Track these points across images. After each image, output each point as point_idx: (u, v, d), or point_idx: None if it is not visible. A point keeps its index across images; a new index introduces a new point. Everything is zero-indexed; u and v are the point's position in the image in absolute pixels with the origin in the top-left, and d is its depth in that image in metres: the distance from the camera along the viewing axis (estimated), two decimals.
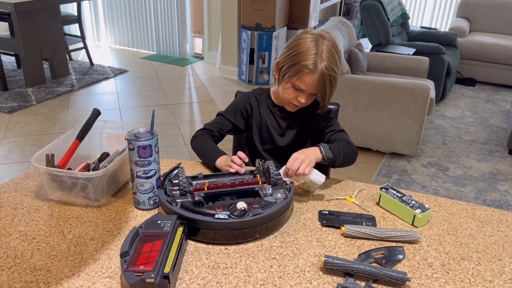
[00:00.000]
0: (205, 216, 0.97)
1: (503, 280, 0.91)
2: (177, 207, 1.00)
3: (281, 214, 1.03)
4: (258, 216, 0.98)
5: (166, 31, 5.16)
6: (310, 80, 1.25)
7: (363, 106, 2.99)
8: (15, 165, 2.77)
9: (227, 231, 0.97)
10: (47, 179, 1.09)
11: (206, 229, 0.97)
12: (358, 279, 0.88)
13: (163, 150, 3.05)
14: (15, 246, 0.95)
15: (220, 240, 0.98)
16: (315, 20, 4.72)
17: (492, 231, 1.07)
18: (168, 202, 1.02)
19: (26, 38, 3.83)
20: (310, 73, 1.24)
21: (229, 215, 0.98)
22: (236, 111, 1.42)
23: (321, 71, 1.23)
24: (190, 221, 0.97)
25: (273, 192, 1.09)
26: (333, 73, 1.25)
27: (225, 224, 0.96)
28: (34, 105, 3.69)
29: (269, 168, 1.13)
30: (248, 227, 0.97)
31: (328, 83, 1.25)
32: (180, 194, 1.06)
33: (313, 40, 1.25)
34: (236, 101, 1.46)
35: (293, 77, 1.27)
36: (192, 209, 0.99)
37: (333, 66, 1.25)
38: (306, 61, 1.23)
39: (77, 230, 1.01)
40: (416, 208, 1.07)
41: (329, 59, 1.24)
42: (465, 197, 2.65)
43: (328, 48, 1.25)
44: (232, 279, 0.88)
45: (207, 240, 0.99)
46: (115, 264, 0.91)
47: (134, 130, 1.06)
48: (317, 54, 1.23)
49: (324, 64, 1.23)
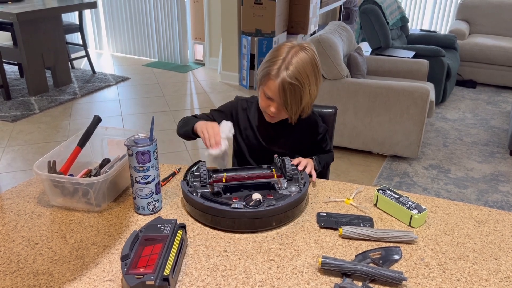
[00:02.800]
0: (223, 205, 1.04)
1: (499, 279, 0.92)
2: (197, 196, 1.07)
3: (295, 206, 1.09)
4: (272, 207, 1.04)
5: (167, 38, 5.20)
6: (273, 86, 1.23)
7: (363, 110, 3.01)
8: (18, 173, 2.80)
9: (243, 220, 1.04)
10: (49, 185, 1.11)
11: (223, 218, 1.04)
12: (355, 279, 0.90)
13: (165, 156, 3.07)
14: (18, 252, 0.97)
15: (237, 228, 1.04)
16: (314, 25, 4.75)
17: (489, 231, 1.08)
18: (189, 192, 1.09)
19: (28, 48, 3.88)
20: (273, 79, 1.22)
21: (245, 205, 1.04)
22: (225, 110, 1.44)
23: (282, 78, 1.20)
24: (208, 209, 1.04)
25: (288, 186, 1.15)
26: (297, 83, 1.20)
27: (241, 213, 1.03)
28: (37, 113, 3.72)
29: (285, 163, 1.19)
30: (262, 217, 1.04)
31: (289, 92, 1.21)
32: (201, 185, 1.13)
33: (288, 48, 1.23)
34: (228, 103, 1.48)
35: (262, 83, 1.28)
36: (211, 199, 1.06)
37: (298, 77, 1.20)
38: (272, 66, 1.23)
39: (79, 235, 1.03)
40: (413, 208, 1.08)
41: (295, 69, 1.20)
42: (467, 199, 2.65)
43: (300, 59, 1.21)
44: (231, 281, 0.89)
45: (225, 228, 1.05)
46: (116, 267, 0.92)
47: (133, 136, 1.08)
48: (284, 60, 1.21)
49: (288, 72, 1.20)
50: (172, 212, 1.13)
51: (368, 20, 4.01)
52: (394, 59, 3.68)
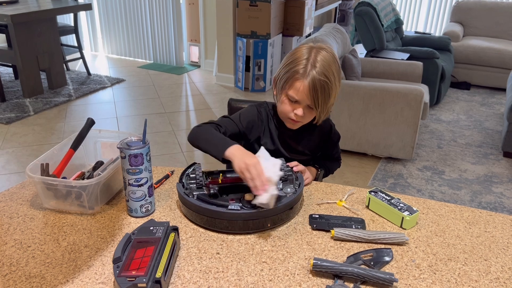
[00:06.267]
0: (219, 207, 1.04)
1: (489, 280, 0.93)
2: (193, 198, 1.08)
3: (290, 207, 1.09)
4: (267, 208, 1.04)
5: (162, 40, 5.20)
6: (301, 86, 1.21)
7: (358, 112, 3.02)
8: (13, 176, 2.79)
9: (239, 221, 1.04)
10: (42, 188, 1.11)
11: (219, 219, 1.05)
12: (346, 281, 0.90)
13: (160, 158, 3.07)
14: (11, 254, 0.97)
15: (233, 229, 1.05)
16: (310, 27, 4.76)
17: (479, 232, 1.09)
18: (185, 194, 1.09)
19: (23, 49, 3.87)
20: (301, 79, 1.20)
21: (241, 206, 1.05)
22: (245, 119, 1.33)
23: (313, 76, 1.19)
24: (205, 211, 1.05)
25: (283, 187, 1.16)
26: (326, 80, 1.20)
27: (237, 214, 1.03)
28: (32, 115, 3.71)
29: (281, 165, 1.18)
30: (258, 218, 1.05)
31: (320, 90, 1.20)
32: (197, 187, 1.13)
33: (307, 49, 1.23)
34: (246, 111, 1.37)
35: (286, 86, 1.25)
36: (207, 201, 1.07)
37: (326, 74, 1.20)
38: (297, 67, 1.21)
39: (72, 238, 1.03)
40: (404, 210, 1.09)
41: (322, 66, 1.20)
42: (461, 200, 2.67)
43: (323, 57, 1.21)
44: (223, 283, 0.90)
45: (221, 230, 1.06)
46: (109, 270, 0.93)
47: (126, 139, 1.08)
48: (308, 60, 1.21)
49: (316, 70, 1.19)
50: (165, 215, 1.13)
51: (363, 22, 4.03)
52: (389, 61, 3.70)
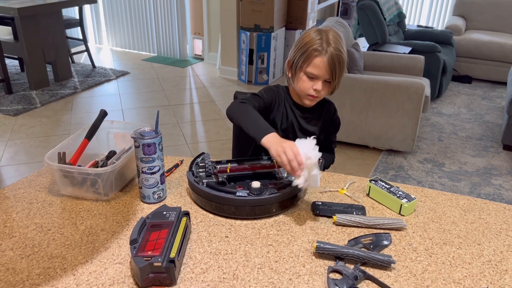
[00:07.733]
0: (228, 194, 1.10)
1: (481, 262, 0.99)
2: (203, 186, 1.13)
3: (295, 194, 1.15)
4: (273, 195, 1.11)
5: (166, 33, 5.24)
6: (320, 63, 1.31)
7: (360, 105, 3.07)
8: (22, 166, 2.86)
9: (246, 207, 1.11)
10: (59, 176, 1.17)
11: (228, 205, 1.11)
12: (347, 263, 0.96)
13: (166, 150, 3.13)
14: (32, 237, 1.03)
15: (240, 215, 1.11)
16: (313, 20, 4.79)
17: (474, 219, 1.15)
18: (195, 182, 1.15)
19: (29, 42, 3.92)
20: (320, 55, 1.30)
21: (248, 193, 1.11)
22: (269, 96, 1.41)
23: (331, 52, 1.30)
24: (214, 198, 1.11)
25: (288, 175, 1.21)
26: (341, 54, 1.32)
27: (245, 200, 1.10)
28: (39, 107, 3.77)
29: None
30: (265, 204, 1.11)
31: (337, 64, 1.31)
32: (206, 175, 1.19)
33: (317, 32, 1.34)
34: (269, 88, 1.45)
35: (305, 64, 1.33)
36: (216, 188, 1.12)
37: (340, 48, 1.32)
38: (314, 46, 1.31)
39: (89, 222, 1.09)
40: (402, 198, 1.15)
41: (335, 42, 1.31)
42: (460, 192, 2.73)
43: (333, 35, 1.33)
44: (232, 264, 0.96)
45: (229, 215, 1.12)
46: (125, 251, 0.99)
47: (140, 129, 1.14)
48: (322, 39, 1.31)
49: (333, 46, 1.30)
50: (176, 201, 1.19)
51: (366, 16, 4.06)
52: (391, 54, 3.74)
